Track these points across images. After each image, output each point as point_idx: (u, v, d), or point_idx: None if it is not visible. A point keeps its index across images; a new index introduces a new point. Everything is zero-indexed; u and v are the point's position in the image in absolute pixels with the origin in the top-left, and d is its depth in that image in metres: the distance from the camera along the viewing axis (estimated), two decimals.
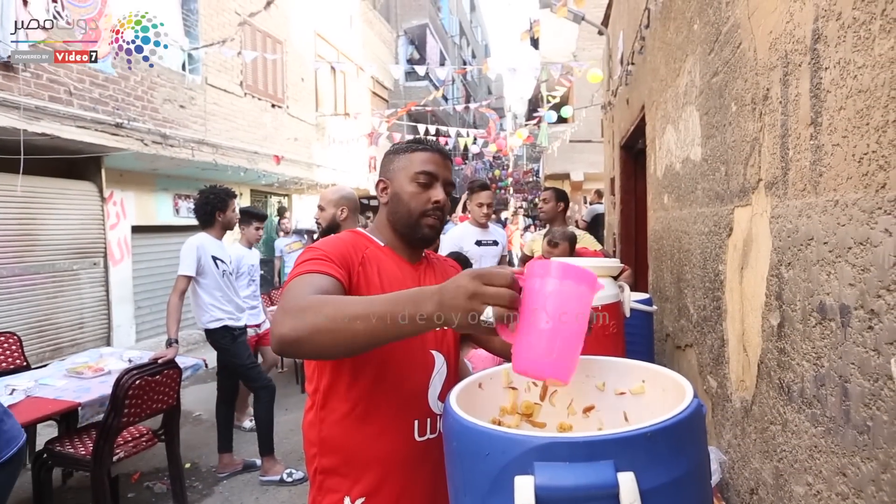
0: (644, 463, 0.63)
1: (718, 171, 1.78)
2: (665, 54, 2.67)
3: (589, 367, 0.96)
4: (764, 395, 1.38)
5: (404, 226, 1.13)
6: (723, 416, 1.76)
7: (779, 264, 1.27)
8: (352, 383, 1.04)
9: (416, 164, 1.13)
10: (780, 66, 1.24)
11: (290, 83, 8.63)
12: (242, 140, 7.17)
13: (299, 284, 0.93)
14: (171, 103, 5.90)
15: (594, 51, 10.25)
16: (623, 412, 0.90)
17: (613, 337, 1.84)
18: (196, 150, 6.18)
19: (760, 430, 1.41)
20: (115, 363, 3.02)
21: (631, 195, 4.95)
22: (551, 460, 0.62)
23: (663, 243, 2.85)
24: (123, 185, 5.95)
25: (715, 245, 1.82)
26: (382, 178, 1.18)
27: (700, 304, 2.04)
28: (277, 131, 8.16)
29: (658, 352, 2.90)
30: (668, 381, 0.85)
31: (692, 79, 2.11)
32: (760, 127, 1.38)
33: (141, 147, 5.38)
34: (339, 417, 1.05)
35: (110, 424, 2.39)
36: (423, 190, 1.12)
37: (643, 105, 3.49)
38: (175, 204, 6.75)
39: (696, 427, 0.71)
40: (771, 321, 1.32)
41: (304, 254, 1.04)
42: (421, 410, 1.08)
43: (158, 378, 2.60)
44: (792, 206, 1.20)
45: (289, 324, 0.81)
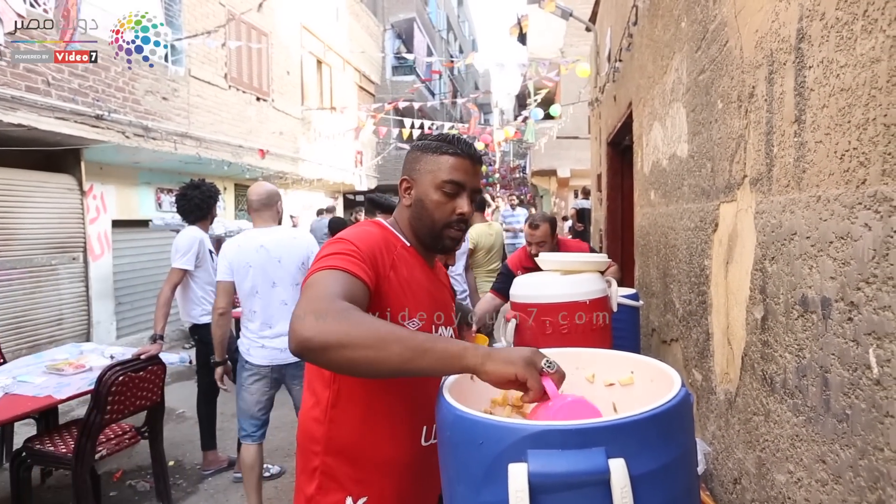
0: (634, 450, 0.65)
1: (704, 168, 1.80)
2: (652, 51, 2.70)
3: (578, 360, 0.97)
4: (747, 386, 1.41)
5: (426, 235, 1.09)
6: (707, 408, 1.79)
7: (763, 259, 1.30)
8: (369, 387, 1.02)
9: (443, 170, 1.06)
10: (766, 65, 1.27)
11: (276, 76, 8.53)
12: (227, 133, 7.08)
13: (326, 281, 0.88)
14: (153, 95, 5.80)
15: (582, 47, 10.31)
16: (612, 403, 0.92)
17: (601, 331, 1.85)
18: (179, 144, 6.09)
19: (744, 421, 1.44)
20: (96, 359, 2.98)
21: (618, 191, 4.99)
22: (544, 448, 0.64)
23: (650, 239, 2.88)
24: (104, 179, 5.84)
25: (701, 240, 1.84)
26: (406, 178, 1.11)
27: (686, 298, 2.07)
28: (262, 125, 8.07)
29: (644, 347, 2.93)
30: (656, 371, 0.87)
31: (679, 76, 2.13)
32: (746, 124, 1.40)
33: (122, 140, 5.28)
34: (350, 419, 1.03)
35: (93, 422, 2.36)
36: (448, 200, 1.06)
37: (630, 102, 3.51)
38: (157, 198, 6.65)
39: (684, 415, 0.73)
40: (755, 314, 1.35)
41: (332, 245, 0.97)
42: (429, 416, 1.06)
43: (142, 375, 2.56)
44: (776, 202, 1.22)
45: (316, 327, 0.77)
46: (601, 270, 2.04)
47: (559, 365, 0.77)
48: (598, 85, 5.91)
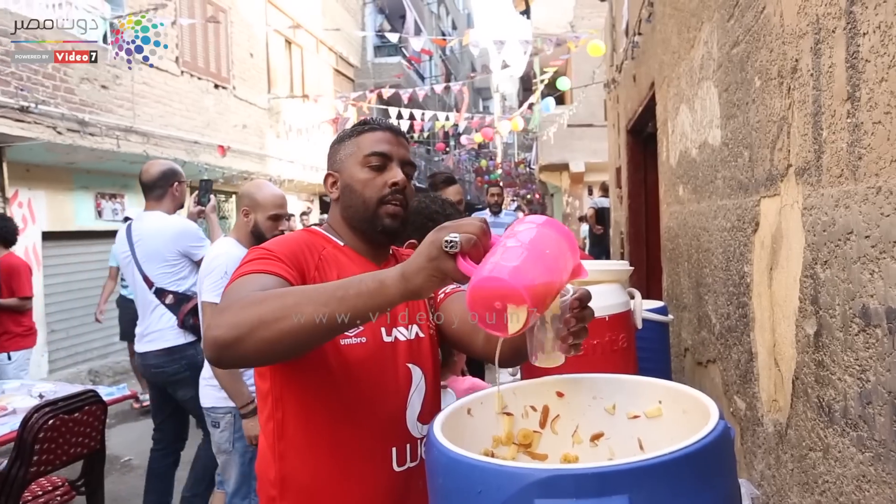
0: (664, 497, 0.63)
1: (741, 157, 1.81)
2: (677, 22, 2.71)
3: (596, 387, 0.96)
4: (801, 416, 1.40)
5: (361, 220, 1.14)
6: (753, 442, 1.77)
7: (814, 263, 1.29)
8: (315, 407, 1.03)
9: (364, 146, 1.14)
10: (811, 33, 1.27)
11: (237, 59, 8.57)
12: (179, 127, 7.08)
13: (240, 286, 0.93)
14: (90, 83, 5.80)
15: (595, 20, 10.40)
16: (637, 439, 0.91)
17: (623, 352, 1.85)
18: (122, 140, 6.08)
19: (798, 459, 1.42)
20: (21, 400, 2.93)
21: (640, 187, 5.01)
22: (555, 497, 0.62)
23: (679, 242, 2.88)
24: (31, 183, 5.81)
25: (739, 243, 1.84)
26: (330, 172, 1.19)
27: (723, 311, 2.06)
28: (222, 116, 8.08)
29: (675, 369, 2.93)
30: (688, 400, 0.86)
31: (709, 50, 2.14)
32: (789, 104, 1.40)
33: (53, 136, 5.27)
34: (302, 450, 1.04)
35: (15, 476, 2.31)
36: (376, 174, 1.13)
37: (653, 82, 3.53)
38: (97, 205, 6.62)
39: (723, 454, 0.71)
40: (806, 329, 1.34)
41: (248, 254, 1.05)
42: (399, 435, 1.08)
43: (78, 416, 2.52)
44: (827, 195, 1.22)
45: (226, 321, 0.82)
46: (623, 280, 2.03)
47: (460, 235, 0.78)
48: (614, 63, 5.95)
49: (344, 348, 1.04)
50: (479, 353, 1.17)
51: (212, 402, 2.37)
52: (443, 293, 1.23)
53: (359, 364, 1.04)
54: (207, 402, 2.38)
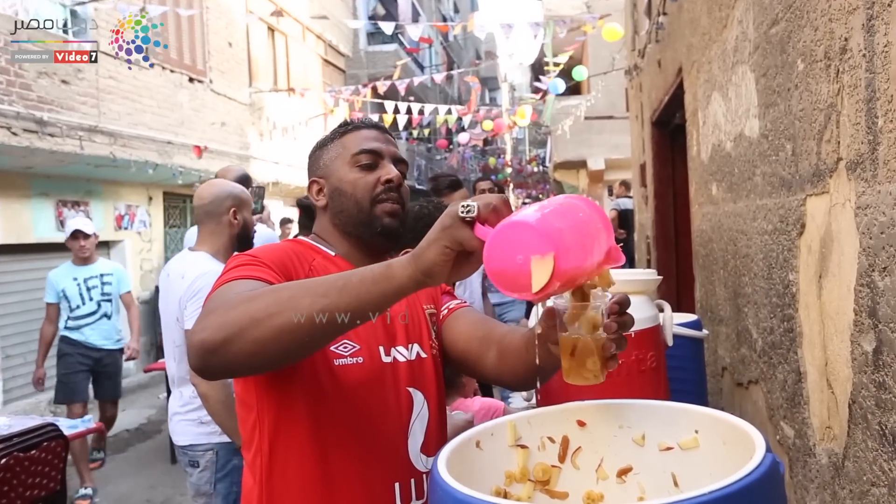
0: None
1: (783, 150, 1.81)
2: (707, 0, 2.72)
3: (622, 415, 0.96)
4: (860, 445, 1.38)
5: (356, 223, 1.15)
6: (805, 475, 1.76)
7: (870, 270, 1.28)
8: (307, 438, 1.03)
9: (351, 145, 1.17)
10: (863, 8, 1.26)
11: (214, 50, 8.63)
12: (151, 126, 7.12)
13: (225, 290, 0.94)
14: (48, 77, 5.83)
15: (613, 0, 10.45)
16: (671, 474, 0.90)
17: (652, 373, 1.84)
18: (86, 141, 6.11)
19: (858, 495, 1.41)
20: None
21: (668, 186, 5.02)
22: None
23: (713, 247, 2.88)
24: None
25: (782, 247, 1.84)
26: (314, 179, 1.22)
27: (766, 325, 2.06)
28: (198, 113, 8.13)
29: (712, 391, 2.93)
30: (729, 429, 0.85)
31: (744, 30, 2.15)
32: (838, 89, 1.40)
33: (7, 137, 5.29)
34: (293, 488, 1.04)
35: None
36: (367, 172, 1.15)
37: (680, 67, 3.55)
38: (59, 214, 6.65)
39: (772, 492, 0.70)
40: (864, 346, 1.33)
41: (231, 261, 1.06)
42: (401, 469, 1.08)
43: (35, 454, 2.52)
44: (885, 192, 1.21)
45: (213, 322, 0.83)
46: (651, 292, 2.02)
47: (478, 202, 0.79)
48: (636, 47, 5.97)
49: (339, 369, 1.04)
50: (489, 374, 1.16)
51: (190, 438, 2.30)
52: (446, 309, 1.23)
53: (355, 388, 1.05)
54: (184, 439, 2.30)
